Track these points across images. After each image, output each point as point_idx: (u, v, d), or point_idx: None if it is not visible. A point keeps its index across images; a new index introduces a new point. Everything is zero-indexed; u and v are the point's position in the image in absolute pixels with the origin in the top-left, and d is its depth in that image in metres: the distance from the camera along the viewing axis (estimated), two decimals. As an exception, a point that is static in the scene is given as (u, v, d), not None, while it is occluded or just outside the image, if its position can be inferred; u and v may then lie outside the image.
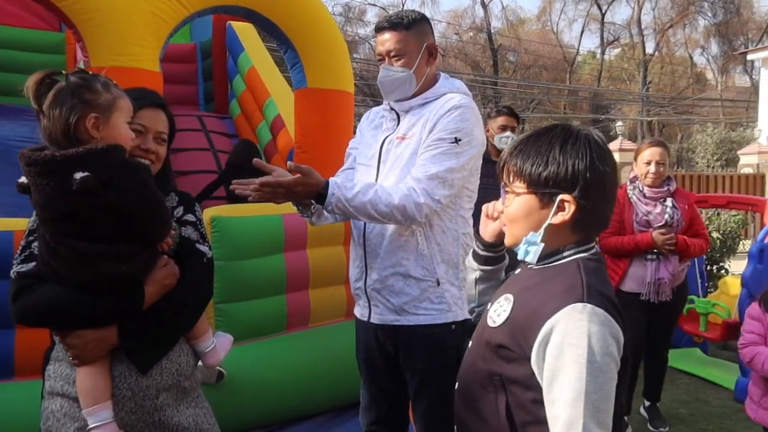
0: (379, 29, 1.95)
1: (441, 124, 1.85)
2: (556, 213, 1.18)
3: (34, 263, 1.48)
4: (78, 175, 1.34)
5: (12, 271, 1.50)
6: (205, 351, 1.66)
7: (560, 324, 1.08)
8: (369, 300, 1.93)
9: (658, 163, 3.18)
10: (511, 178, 1.25)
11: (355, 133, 2.19)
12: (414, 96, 1.94)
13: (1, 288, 1.64)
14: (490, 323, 1.23)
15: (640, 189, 3.24)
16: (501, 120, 3.84)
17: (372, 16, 29.19)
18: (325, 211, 1.84)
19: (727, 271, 5.80)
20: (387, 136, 1.96)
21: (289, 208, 3.20)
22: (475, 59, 29.26)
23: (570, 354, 1.06)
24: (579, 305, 1.09)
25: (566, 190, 1.17)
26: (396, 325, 1.88)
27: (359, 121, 2.20)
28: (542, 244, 1.19)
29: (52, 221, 1.42)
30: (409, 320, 1.86)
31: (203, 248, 1.63)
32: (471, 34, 29.95)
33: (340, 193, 1.75)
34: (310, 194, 1.76)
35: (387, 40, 1.91)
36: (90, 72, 1.49)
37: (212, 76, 5.93)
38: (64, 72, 1.45)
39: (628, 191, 3.26)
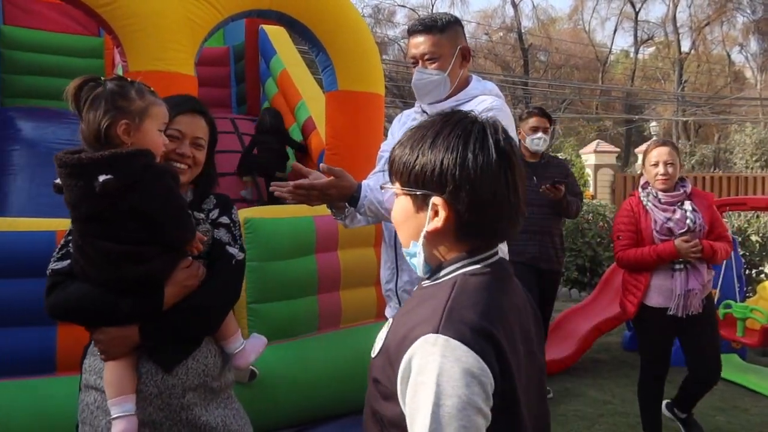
0: (412, 32, 1.94)
1: None
2: (431, 219, 0.99)
3: (68, 261, 1.54)
4: (101, 178, 1.39)
5: (48, 268, 1.56)
6: (233, 352, 1.67)
7: (415, 358, 0.90)
8: (400, 301, 1.94)
9: (666, 164, 2.95)
10: (393, 176, 1.07)
11: (385, 135, 2.20)
12: (446, 98, 1.94)
13: (42, 285, 1.72)
14: (372, 353, 1.07)
15: (654, 195, 2.99)
16: (532, 121, 3.83)
17: (401, 17, 29.25)
18: (357, 214, 1.86)
19: (766, 275, 5.64)
20: None
21: (320, 210, 3.24)
22: (505, 59, 29.02)
23: (421, 395, 0.88)
24: (431, 337, 0.89)
25: (436, 191, 0.98)
26: None
27: (389, 122, 2.21)
28: (422, 255, 1.03)
29: (80, 221, 1.47)
30: None
31: (232, 250, 1.65)
32: (501, 34, 29.71)
33: (373, 196, 1.77)
34: (344, 197, 1.79)
35: (421, 43, 1.91)
36: (128, 78, 1.54)
37: (245, 78, 6.02)
38: (102, 78, 1.50)
39: (641, 198, 3.03)
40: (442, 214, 0.98)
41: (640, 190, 3.08)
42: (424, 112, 1.97)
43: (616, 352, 5.03)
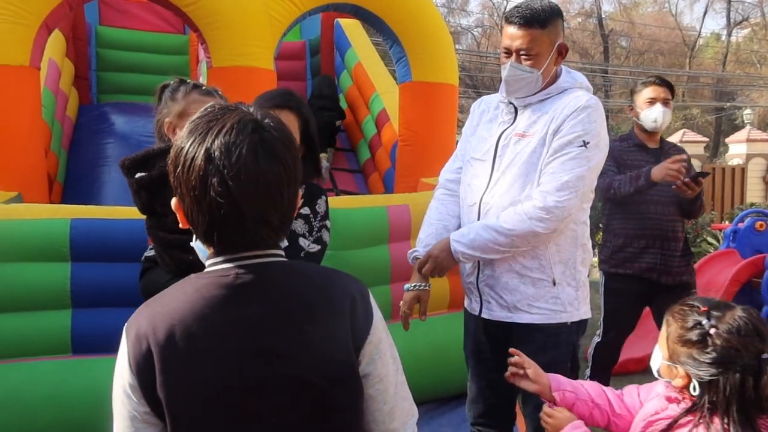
0: (510, 22, 1.81)
1: (567, 126, 1.78)
2: None
3: None
4: (137, 176, 1.55)
5: (143, 256, 1.74)
6: None
7: None
8: (480, 295, 1.92)
9: None
10: None
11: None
12: (535, 92, 1.87)
13: (134, 271, 1.87)
14: None
15: None
16: (648, 92, 3.07)
17: (475, 5, 28.79)
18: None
19: None
20: (504, 131, 1.90)
21: (394, 200, 3.26)
22: (583, 46, 27.97)
23: None
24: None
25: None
26: (508, 322, 1.87)
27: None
28: (199, 252, 1.00)
29: (145, 214, 1.63)
30: (521, 318, 1.84)
31: (303, 242, 1.68)
32: (579, 19, 28.65)
33: (459, 246, 1.82)
34: (449, 258, 1.86)
35: (518, 36, 1.79)
36: (186, 80, 1.68)
37: (320, 72, 6.13)
38: (172, 80, 1.67)
39: None
40: (179, 213, 0.95)
41: None
42: (510, 103, 1.92)
43: (701, 352, 4.78)
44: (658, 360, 1.36)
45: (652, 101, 3.03)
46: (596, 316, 5.82)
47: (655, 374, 1.38)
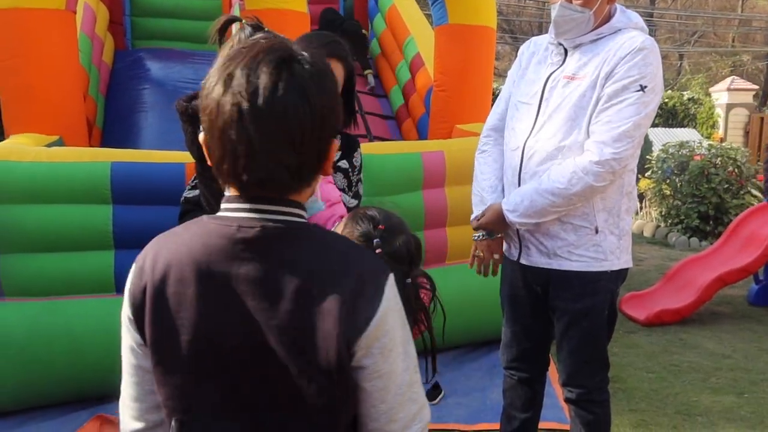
0: None
1: (622, 69, 1.70)
2: None
3: (198, 191, 1.67)
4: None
5: (182, 196, 1.73)
6: None
7: None
8: (520, 241, 1.89)
9: None
10: None
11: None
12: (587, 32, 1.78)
13: (174, 213, 1.90)
14: None
15: None
16: None
17: (515, -55, 27.39)
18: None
19: None
20: (552, 73, 1.83)
21: (428, 146, 3.22)
22: (628, -12, 26.62)
23: None
24: None
25: None
26: (546, 268, 1.86)
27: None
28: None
29: (196, 162, 1.60)
30: (561, 265, 1.82)
31: (344, 198, 1.66)
32: (625, -41, 27.16)
33: (514, 217, 1.81)
34: (502, 225, 1.87)
35: None
36: (263, 27, 1.59)
37: (353, 15, 6.00)
38: (243, 21, 1.57)
39: None
40: (204, 148, 0.90)
41: None
42: (560, 44, 1.83)
43: (740, 305, 4.70)
44: None
45: None
46: (635, 268, 5.76)
47: None
